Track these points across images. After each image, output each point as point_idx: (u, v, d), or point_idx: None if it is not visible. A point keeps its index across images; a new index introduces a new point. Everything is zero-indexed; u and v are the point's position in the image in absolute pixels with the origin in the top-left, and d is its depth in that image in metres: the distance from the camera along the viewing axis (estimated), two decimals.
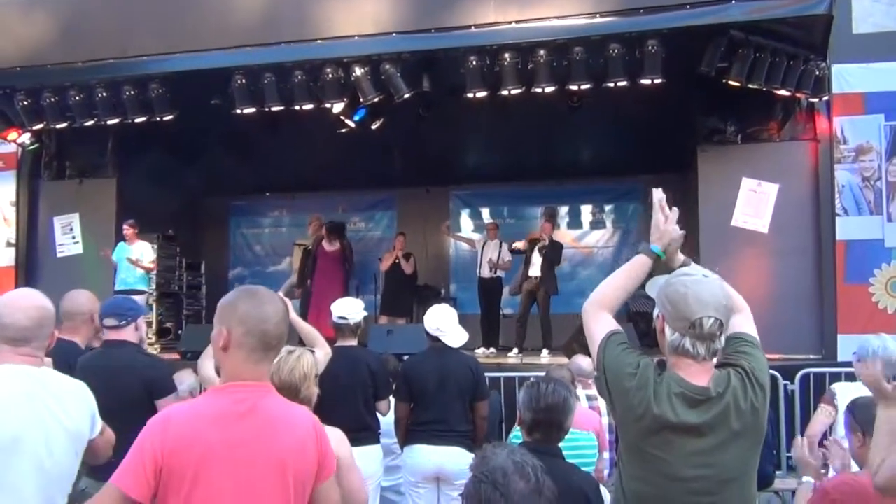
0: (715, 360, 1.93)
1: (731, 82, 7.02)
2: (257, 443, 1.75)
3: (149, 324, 9.44)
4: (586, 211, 11.28)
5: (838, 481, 2.45)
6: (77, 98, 7.95)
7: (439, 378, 4.15)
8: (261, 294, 1.90)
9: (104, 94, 7.86)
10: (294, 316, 3.74)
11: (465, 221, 11.68)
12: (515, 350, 8.53)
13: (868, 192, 7.57)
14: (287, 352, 2.71)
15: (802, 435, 3.61)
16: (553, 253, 8.62)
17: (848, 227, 7.51)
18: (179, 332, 10.18)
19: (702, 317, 1.86)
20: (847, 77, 7.55)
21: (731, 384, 1.89)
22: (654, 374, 1.88)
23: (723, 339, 1.90)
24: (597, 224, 11.23)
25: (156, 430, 1.74)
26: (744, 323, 2.03)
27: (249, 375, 1.82)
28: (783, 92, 7.22)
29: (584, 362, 4.63)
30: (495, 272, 9.20)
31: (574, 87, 7.16)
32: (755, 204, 7.85)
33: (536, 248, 8.63)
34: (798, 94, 7.37)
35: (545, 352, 8.25)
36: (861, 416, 2.52)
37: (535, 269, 8.62)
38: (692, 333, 1.87)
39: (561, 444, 2.68)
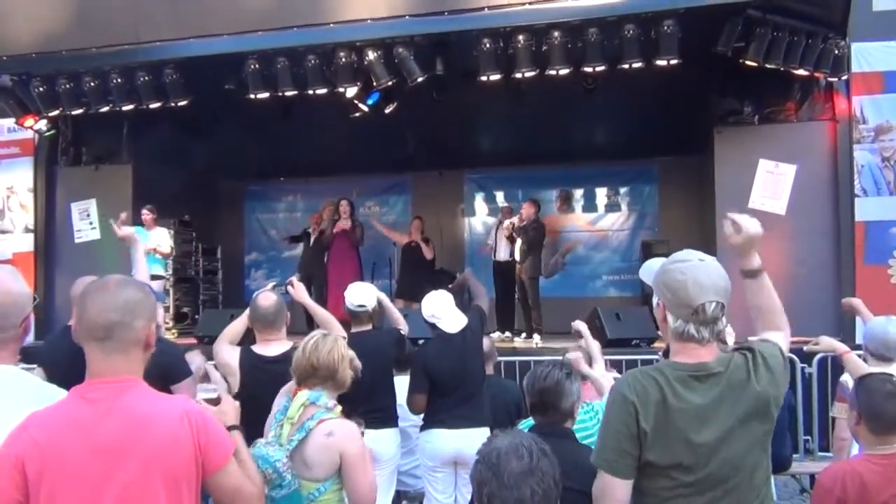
0: (721, 343, 1.94)
1: (748, 62, 6.93)
2: (116, 447, 1.63)
3: (166, 309, 9.53)
4: (601, 194, 11.22)
5: (831, 472, 2.46)
6: (92, 84, 7.99)
7: (451, 358, 4.15)
8: (99, 283, 1.78)
9: (119, 80, 7.88)
10: (308, 300, 3.78)
11: (480, 205, 11.66)
12: (524, 335, 8.54)
13: (888, 172, 7.47)
14: (322, 335, 2.71)
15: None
16: (530, 235, 8.48)
17: (867, 208, 7.43)
18: (196, 316, 10.27)
19: (704, 302, 1.86)
20: (866, 55, 7.43)
21: (734, 362, 1.89)
22: (645, 389, 1.86)
23: (724, 319, 1.91)
24: (612, 207, 11.17)
25: (14, 440, 1.64)
26: (779, 338, 2.01)
27: (106, 370, 1.71)
28: (801, 71, 7.12)
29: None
30: (511, 255, 9.20)
31: (589, 69, 7.09)
32: (773, 186, 7.77)
33: (515, 231, 8.63)
34: (816, 74, 7.26)
35: (536, 337, 8.24)
36: (864, 398, 2.51)
37: (516, 252, 8.64)
38: (696, 319, 1.87)
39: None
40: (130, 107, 8.12)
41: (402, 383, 4.32)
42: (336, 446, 2.46)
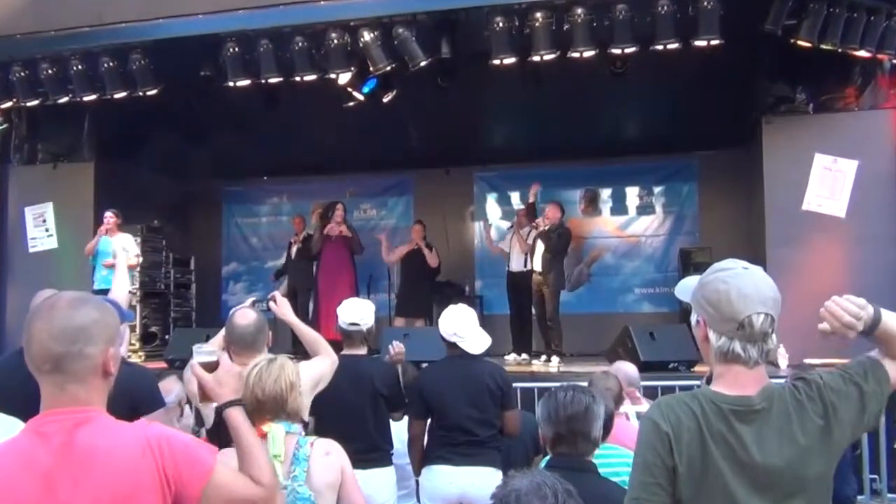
0: (772, 366, 1.92)
1: (800, 42, 6.91)
2: (70, 487, 1.65)
3: (131, 328, 9.55)
4: (632, 194, 11.20)
5: None
6: (49, 72, 8.04)
7: (460, 389, 4.14)
8: (46, 305, 1.78)
9: (79, 66, 7.93)
10: (293, 318, 3.77)
11: (492, 207, 11.66)
12: (544, 357, 8.52)
13: None
14: (267, 360, 2.75)
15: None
16: (554, 241, 8.44)
17: None
18: (166, 336, 10.29)
19: (750, 314, 1.84)
20: None
21: (779, 395, 1.86)
22: (678, 417, 1.85)
23: (775, 337, 1.88)
24: (644, 209, 11.15)
25: None
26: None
27: (61, 401, 1.73)
28: (862, 53, 7.10)
29: (629, 368, 4.61)
30: (526, 265, 9.19)
31: (617, 51, 7.09)
32: (830, 184, 7.74)
33: (537, 236, 8.58)
34: (879, 56, 7.24)
35: (555, 360, 8.21)
36: None
37: (537, 262, 8.56)
38: (742, 335, 1.85)
39: (602, 461, 2.69)
40: (93, 97, 8.16)
41: (400, 426, 4.33)
42: (336, 463, 2.63)
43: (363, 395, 4.11)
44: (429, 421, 4.24)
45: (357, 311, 4.21)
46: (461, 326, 4.20)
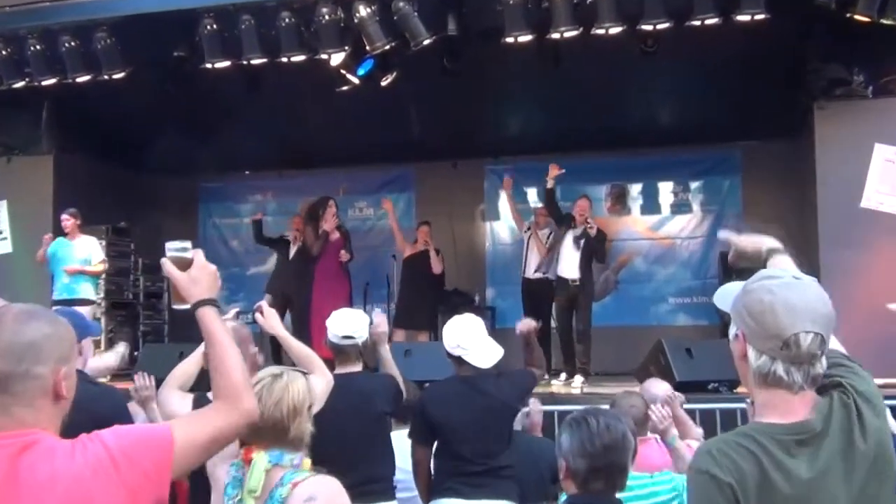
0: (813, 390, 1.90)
1: (857, 17, 6.91)
2: None
3: (96, 343, 9.58)
4: (665, 190, 11.20)
5: None
6: (3, 53, 8.09)
7: (471, 409, 4.15)
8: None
9: (37, 46, 7.98)
10: (281, 331, 3.79)
11: (505, 205, 11.61)
12: (564, 376, 8.51)
13: None
14: (271, 376, 2.67)
15: None
16: (598, 244, 8.44)
17: None
18: (135, 353, 10.32)
19: (798, 332, 1.82)
20: None
21: (836, 413, 1.86)
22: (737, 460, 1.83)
23: (824, 360, 1.86)
24: (680, 207, 11.15)
25: None
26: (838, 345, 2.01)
27: (6, 423, 1.73)
28: None
29: (659, 388, 4.61)
30: (545, 271, 9.19)
31: (648, 27, 7.10)
32: (893, 178, 7.73)
33: (571, 238, 8.45)
34: None
35: (578, 380, 8.20)
36: None
37: (570, 268, 8.41)
38: (785, 355, 1.83)
39: (628, 494, 2.70)
40: (52, 81, 8.21)
41: (402, 440, 4.33)
42: None
43: (363, 418, 4.12)
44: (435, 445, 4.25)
45: (350, 323, 4.22)
46: (465, 337, 4.21)
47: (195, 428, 1.88)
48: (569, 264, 8.47)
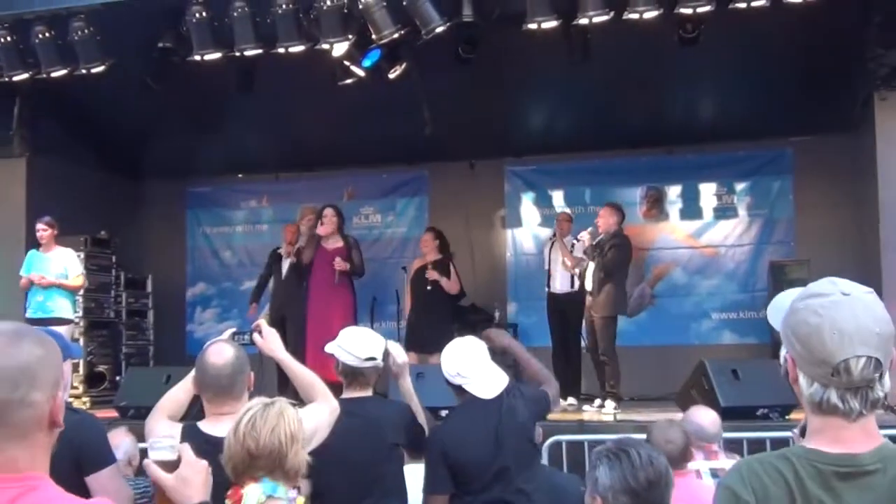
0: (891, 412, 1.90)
1: None
2: None
3: (74, 367, 9.63)
4: (708, 192, 11.17)
5: None
6: None
7: (493, 445, 4.13)
8: None
9: (8, 38, 8.04)
10: (283, 354, 3.81)
11: (528, 210, 11.68)
12: (597, 402, 8.51)
13: None
14: (263, 405, 2.73)
15: None
16: (608, 254, 8.46)
17: None
18: (117, 378, 10.36)
19: (847, 358, 1.81)
20: None
21: None
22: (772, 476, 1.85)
23: (886, 381, 1.85)
24: (724, 211, 11.11)
25: None
26: None
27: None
28: None
29: (705, 418, 4.60)
30: (573, 284, 9.19)
31: (687, 11, 7.10)
32: None
33: (588, 249, 8.64)
34: None
35: (611, 405, 8.19)
36: None
37: (587, 280, 8.62)
38: (837, 382, 1.83)
39: None
40: (24, 76, 8.27)
41: (416, 473, 4.33)
42: None
43: (372, 447, 4.11)
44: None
45: (364, 343, 4.20)
46: (466, 363, 4.19)
47: None
48: (588, 275, 8.62)
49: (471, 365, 4.20)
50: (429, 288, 9.50)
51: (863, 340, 1.82)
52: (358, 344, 4.19)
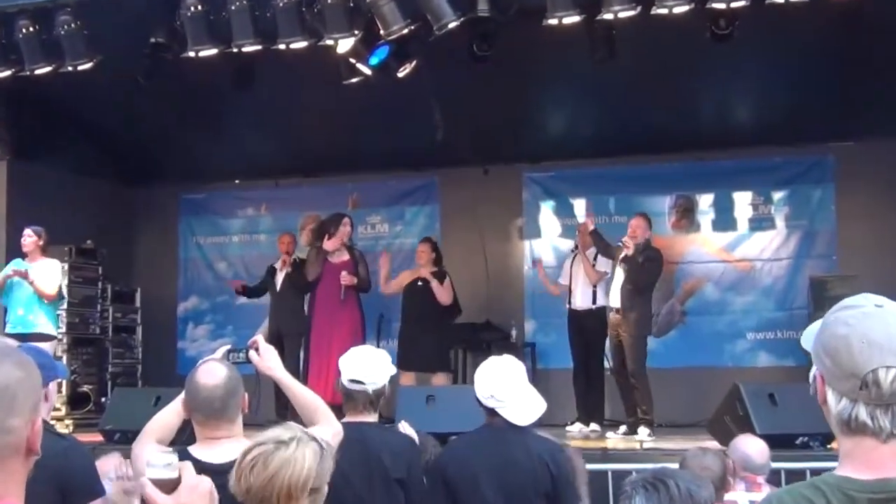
0: None
1: None
2: None
3: (58, 386, 9.64)
4: (742, 201, 11.14)
5: None
6: None
7: (497, 476, 4.11)
8: None
9: None
10: (282, 373, 3.80)
11: (547, 219, 11.67)
12: (623, 428, 8.47)
13: None
14: (275, 444, 2.60)
15: None
16: (640, 269, 8.46)
17: None
18: (103, 399, 10.38)
19: (875, 367, 1.81)
20: None
21: None
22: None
23: None
24: (760, 222, 11.08)
25: None
26: None
27: None
28: None
29: (753, 447, 4.58)
30: (595, 300, 9.18)
31: (720, 6, 7.09)
32: None
33: (619, 262, 8.64)
34: None
35: (644, 432, 8.16)
36: None
37: (613, 295, 8.61)
38: (866, 397, 1.82)
39: None
40: (6, 73, 8.31)
41: None
42: None
43: (371, 481, 4.10)
44: None
45: (367, 364, 4.21)
46: (500, 386, 4.15)
47: None
48: (614, 292, 8.62)
49: (507, 388, 4.15)
50: (421, 300, 9.57)
51: (893, 351, 1.82)
52: (351, 364, 4.22)
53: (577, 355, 9.30)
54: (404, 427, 4.60)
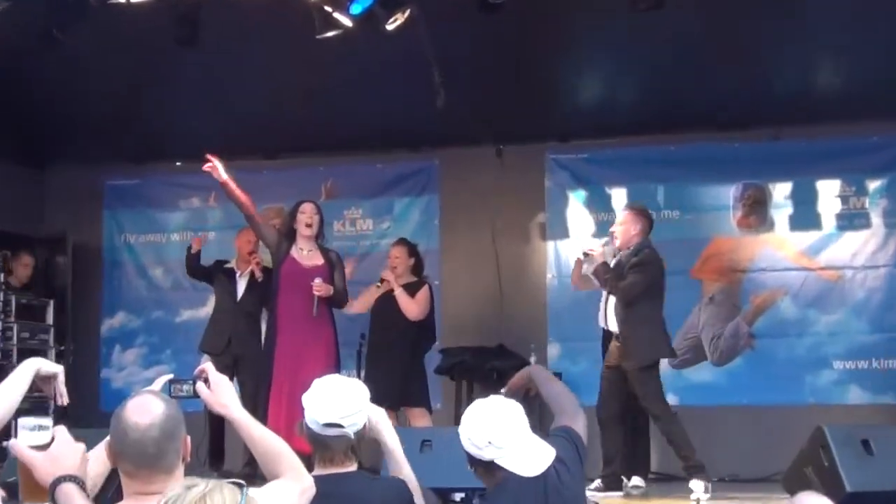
0: None
1: None
2: None
3: None
4: (828, 192, 11.15)
5: None
6: None
7: None
8: None
9: None
10: (237, 412, 3.82)
11: (577, 212, 11.68)
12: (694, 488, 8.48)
13: None
14: (184, 488, 2.69)
15: None
16: (628, 281, 8.47)
17: None
18: (4, 444, 10.39)
19: None
20: None
21: None
22: None
23: None
24: (851, 219, 11.08)
25: None
26: None
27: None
28: None
29: None
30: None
31: None
32: None
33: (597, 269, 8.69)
34: None
35: (698, 487, 8.12)
36: None
37: (609, 318, 8.69)
38: None
39: None
40: None
41: None
42: None
43: None
44: None
45: (339, 401, 4.21)
46: (499, 432, 4.17)
47: None
48: (609, 312, 8.70)
49: (506, 432, 4.14)
50: (392, 318, 9.59)
51: None
52: (318, 403, 4.18)
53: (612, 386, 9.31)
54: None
